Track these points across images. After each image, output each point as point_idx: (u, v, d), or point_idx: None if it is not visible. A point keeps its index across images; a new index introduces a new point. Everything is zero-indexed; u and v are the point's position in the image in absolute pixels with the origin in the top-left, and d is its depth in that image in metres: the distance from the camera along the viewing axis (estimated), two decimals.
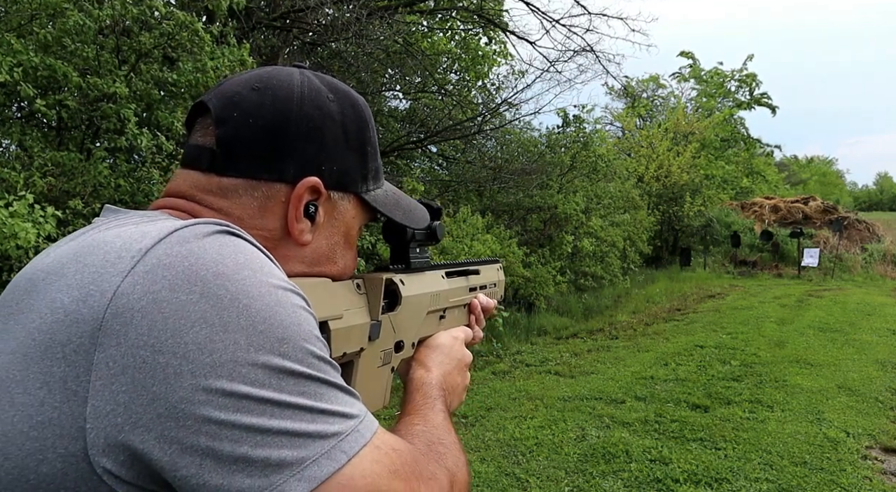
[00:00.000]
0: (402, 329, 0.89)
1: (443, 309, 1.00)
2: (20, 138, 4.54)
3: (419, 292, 0.93)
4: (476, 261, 1.17)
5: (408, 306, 0.90)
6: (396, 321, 0.87)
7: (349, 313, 0.77)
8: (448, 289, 1.02)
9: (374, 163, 0.81)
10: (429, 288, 0.96)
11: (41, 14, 4.29)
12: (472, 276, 1.12)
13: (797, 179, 46.29)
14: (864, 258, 18.03)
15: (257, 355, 0.54)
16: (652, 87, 27.47)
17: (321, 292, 0.72)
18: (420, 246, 0.96)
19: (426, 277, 0.97)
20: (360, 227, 0.81)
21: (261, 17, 7.54)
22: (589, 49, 9.93)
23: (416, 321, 0.92)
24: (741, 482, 4.06)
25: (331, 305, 0.73)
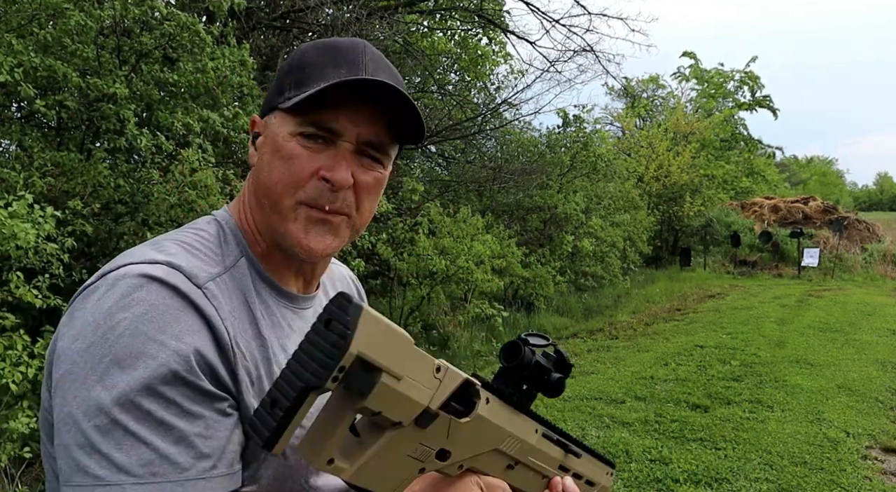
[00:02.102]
0: (456, 441, 0.80)
1: (515, 460, 0.91)
2: (20, 138, 4.54)
3: (497, 422, 0.85)
4: (586, 447, 1.04)
5: (476, 425, 0.82)
6: (455, 430, 0.79)
7: (410, 382, 0.71)
8: (534, 446, 0.92)
9: (294, 76, 0.88)
10: (512, 428, 0.87)
11: (41, 14, 4.29)
12: (572, 455, 1.00)
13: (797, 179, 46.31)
14: (864, 258, 18.03)
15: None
16: (652, 88, 27.48)
17: (397, 344, 0.69)
18: (528, 384, 0.90)
19: (516, 417, 0.89)
20: (288, 133, 0.87)
21: (261, 18, 7.54)
22: (589, 49, 9.94)
23: (476, 445, 0.84)
24: (741, 482, 4.06)
25: (399, 361, 0.69)
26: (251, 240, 0.93)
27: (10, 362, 3.35)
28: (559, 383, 0.90)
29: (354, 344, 0.63)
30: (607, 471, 1.10)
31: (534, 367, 0.88)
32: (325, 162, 0.86)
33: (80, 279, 4.04)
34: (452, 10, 9.94)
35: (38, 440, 3.71)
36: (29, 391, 3.57)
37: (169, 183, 4.42)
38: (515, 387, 0.88)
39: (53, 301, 3.63)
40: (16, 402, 3.54)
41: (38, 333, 3.73)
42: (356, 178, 0.88)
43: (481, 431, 0.83)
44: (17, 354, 3.40)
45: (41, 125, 5.16)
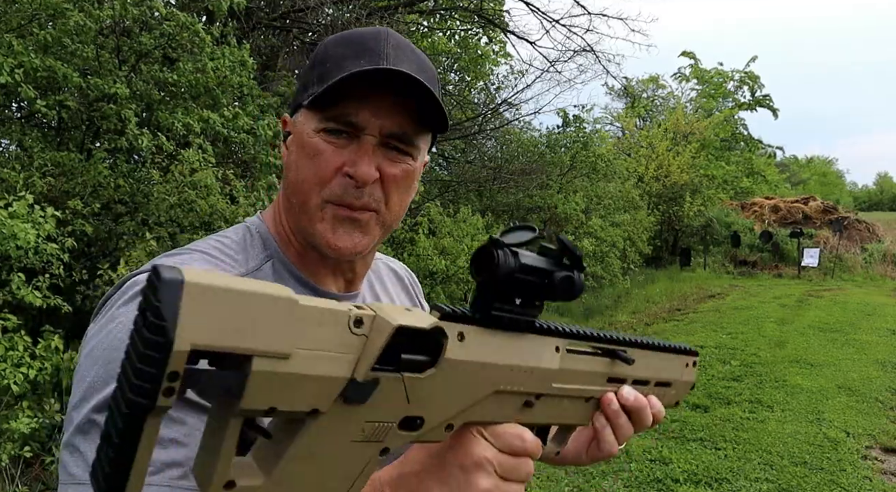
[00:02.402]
0: (425, 402, 0.61)
1: (534, 394, 0.70)
2: (20, 138, 4.54)
3: (485, 359, 0.64)
4: (648, 342, 0.82)
5: (451, 373, 0.62)
6: (417, 389, 0.60)
7: (308, 356, 0.51)
8: (556, 369, 0.71)
9: (317, 71, 0.86)
10: (511, 358, 0.67)
11: (41, 14, 4.30)
12: (622, 362, 0.79)
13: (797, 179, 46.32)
14: (864, 258, 18.03)
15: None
16: (652, 88, 27.49)
17: (265, 312, 0.49)
18: (522, 295, 0.68)
19: (516, 342, 0.68)
20: (312, 130, 0.85)
21: (261, 18, 7.54)
22: (589, 49, 9.95)
23: (459, 397, 0.63)
24: (741, 482, 4.06)
25: (277, 333, 0.49)
26: (284, 242, 0.92)
27: (12, 363, 3.35)
28: (565, 282, 0.67)
29: (182, 337, 0.45)
30: (686, 362, 0.89)
31: (520, 272, 0.65)
32: (348, 157, 0.84)
33: (80, 279, 4.04)
34: (452, 10, 9.94)
35: (38, 440, 3.71)
36: (29, 392, 3.58)
37: (169, 183, 4.42)
38: (505, 303, 0.66)
39: (53, 301, 3.63)
40: (16, 402, 3.54)
41: (38, 334, 3.73)
42: (383, 171, 0.85)
43: (461, 377, 0.63)
44: (18, 354, 3.40)
45: (41, 125, 5.16)
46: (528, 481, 0.70)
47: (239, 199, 4.70)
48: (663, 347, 0.85)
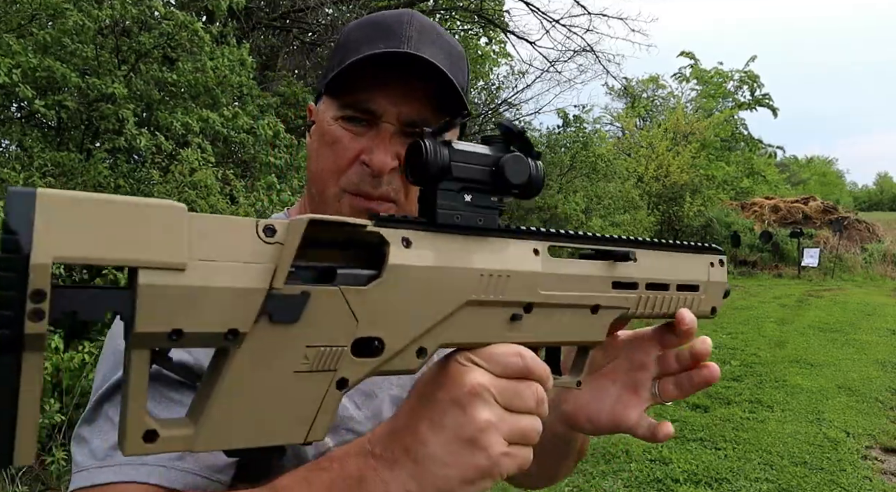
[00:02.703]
0: (380, 319, 0.53)
1: (522, 304, 0.61)
2: (20, 138, 4.54)
3: (442, 264, 0.56)
4: (644, 240, 0.71)
5: (403, 283, 0.54)
6: (363, 304, 0.52)
7: (210, 267, 0.46)
8: (540, 272, 0.62)
9: (337, 57, 0.84)
10: (475, 263, 0.58)
11: (41, 14, 4.30)
12: (623, 261, 0.68)
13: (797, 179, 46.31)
14: (864, 258, 18.03)
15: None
16: (652, 88, 27.50)
17: (137, 219, 0.43)
18: (471, 191, 0.59)
19: (480, 245, 0.59)
20: (331, 117, 0.83)
21: (261, 17, 7.54)
22: (589, 49, 9.95)
23: (423, 311, 0.55)
24: (741, 482, 4.06)
25: (156, 243, 0.44)
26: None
27: None
28: (515, 164, 0.59)
29: (39, 249, 0.40)
30: (710, 261, 0.76)
31: (458, 161, 0.57)
32: (366, 144, 0.80)
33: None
34: (453, 10, 9.94)
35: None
36: None
37: (169, 183, 4.43)
38: (452, 202, 0.58)
39: None
40: None
41: None
42: (402, 160, 0.78)
43: (417, 286, 0.55)
44: None
45: (41, 125, 5.16)
46: (542, 413, 0.58)
47: (239, 199, 4.70)
48: (675, 245, 0.74)
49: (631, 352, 0.77)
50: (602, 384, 0.77)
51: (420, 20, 0.83)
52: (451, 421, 0.54)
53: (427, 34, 0.82)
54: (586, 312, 0.66)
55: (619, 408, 0.75)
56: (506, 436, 0.55)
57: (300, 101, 6.78)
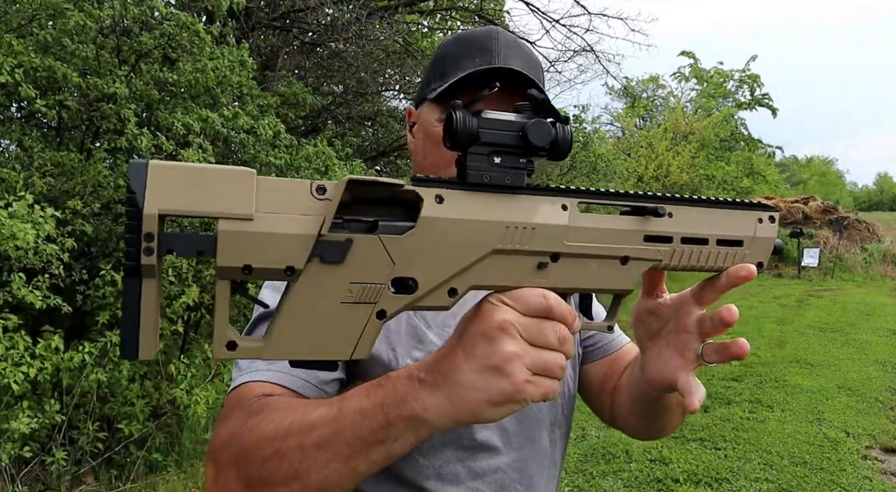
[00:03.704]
0: (414, 262, 0.63)
1: (548, 253, 0.68)
2: (20, 138, 4.54)
3: (470, 217, 0.65)
4: (686, 198, 0.74)
5: (434, 233, 0.64)
6: (399, 249, 0.63)
7: (273, 218, 0.59)
8: (567, 226, 0.68)
9: (438, 69, 1.01)
10: (501, 216, 0.66)
11: (41, 14, 4.29)
12: (656, 216, 0.72)
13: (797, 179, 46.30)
14: (864, 258, 18.02)
15: None
16: (652, 88, 27.49)
17: (218, 181, 0.58)
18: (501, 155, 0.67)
19: (508, 201, 0.67)
20: (436, 119, 0.99)
21: (261, 17, 7.54)
22: (589, 49, 9.95)
23: (453, 257, 0.64)
24: (741, 482, 4.06)
25: (232, 199, 0.57)
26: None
27: (12, 362, 3.35)
28: (538, 128, 0.66)
29: (151, 203, 0.55)
30: (758, 218, 0.77)
31: (486, 127, 0.66)
32: None
33: (80, 279, 4.04)
34: (452, 10, 9.94)
35: (38, 440, 3.71)
36: (29, 391, 3.57)
37: None
38: (481, 164, 0.66)
39: (53, 301, 3.63)
40: (16, 402, 3.54)
41: (38, 334, 3.73)
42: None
43: (446, 236, 0.64)
44: (18, 353, 3.40)
45: (41, 125, 5.16)
46: (566, 351, 0.66)
47: None
48: (720, 202, 0.75)
49: (677, 314, 0.81)
50: (659, 347, 0.83)
51: (505, 36, 1.00)
52: (481, 351, 0.63)
53: (512, 48, 0.99)
54: (616, 263, 0.71)
55: (669, 369, 0.80)
56: (529, 366, 0.63)
57: (300, 101, 6.77)
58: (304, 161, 5.43)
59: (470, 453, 0.95)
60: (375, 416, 0.67)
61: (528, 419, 1.01)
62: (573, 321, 0.67)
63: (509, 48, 0.98)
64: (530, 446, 1.01)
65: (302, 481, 0.69)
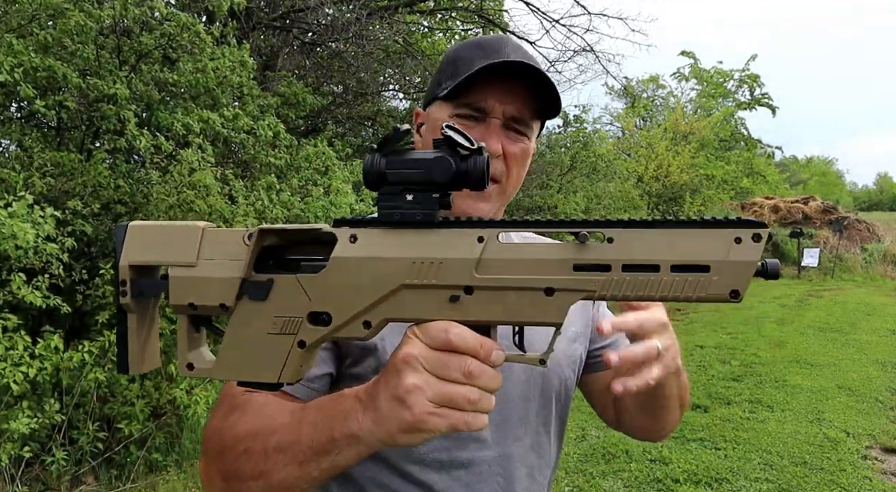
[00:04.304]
0: (328, 298, 0.70)
1: (459, 287, 0.68)
2: (20, 138, 4.54)
3: (377, 255, 0.69)
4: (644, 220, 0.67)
5: (344, 271, 0.69)
6: (314, 286, 0.70)
7: (210, 264, 0.71)
8: (482, 259, 0.68)
9: (449, 70, 1.03)
10: (408, 252, 0.68)
11: (41, 14, 4.29)
12: (586, 245, 0.67)
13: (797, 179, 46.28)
14: (864, 258, 18.01)
15: None
16: (652, 88, 27.48)
17: (173, 236, 0.73)
18: (412, 190, 0.69)
19: (422, 237, 0.69)
20: (446, 116, 1.01)
21: (261, 18, 7.54)
22: (589, 49, 9.95)
23: (363, 293, 0.69)
24: (741, 482, 4.06)
25: (180, 250, 0.72)
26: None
27: (12, 362, 3.35)
28: (438, 164, 0.68)
29: (124, 257, 0.73)
30: (735, 237, 0.65)
31: (392, 168, 0.69)
32: (478, 136, 0.98)
33: (80, 279, 4.04)
34: (452, 10, 9.94)
35: (38, 440, 3.71)
36: (29, 391, 3.57)
37: (168, 183, 4.42)
38: (394, 202, 0.70)
39: (53, 301, 3.63)
40: (16, 402, 3.53)
41: (38, 334, 3.73)
42: (506, 149, 1.01)
43: (356, 273, 0.69)
44: (18, 353, 3.40)
45: (41, 125, 5.16)
46: (479, 384, 0.66)
47: (238, 199, 4.70)
48: (682, 222, 0.66)
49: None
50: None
51: (514, 41, 1.06)
52: (392, 381, 0.67)
53: (521, 51, 1.03)
54: (539, 294, 0.68)
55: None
56: (431, 398, 0.65)
57: (300, 101, 6.77)
58: (304, 161, 5.43)
59: (458, 444, 0.98)
60: (323, 430, 0.73)
61: (511, 418, 1.03)
62: (487, 354, 0.67)
63: (518, 51, 1.02)
64: (515, 444, 1.03)
65: (266, 479, 0.77)
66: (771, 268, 0.66)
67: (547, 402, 1.08)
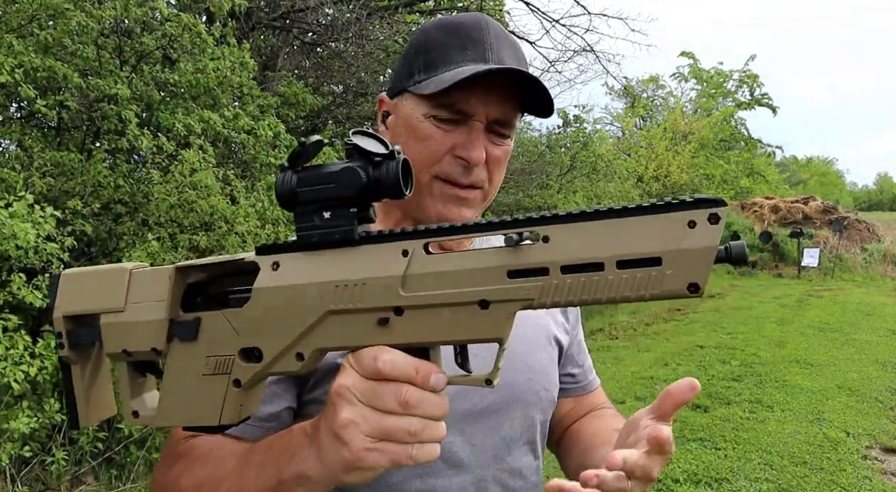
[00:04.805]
0: (256, 332, 0.64)
1: (387, 308, 0.61)
2: (20, 138, 4.54)
3: (299, 282, 0.63)
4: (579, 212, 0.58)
5: (268, 303, 0.64)
6: (241, 321, 0.65)
7: (137, 307, 0.68)
8: (406, 275, 0.61)
9: (423, 58, 0.93)
10: (328, 276, 0.63)
11: (41, 15, 4.29)
12: (525, 245, 0.58)
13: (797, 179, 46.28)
14: (864, 258, 18.02)
15: None
16: (652, 88, 27.49)
17: (102, 282, 0.70)
18: (329, 208, 0.63)
19: (343, 257, 0.63)
20: (422, 115, 0.92)
21: (261, 18, 7.54)
22: (589, 49, 9.95)
23: (290, 324, 0.63)
24: (741, 482, 4.07)
25: (108, 296, 0.69)
26: (380, 216, 1.01)
27: (12, 361, 3.35)
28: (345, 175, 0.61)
29: (58, 309, 0.71)
30: (686, 221, 0.54)
31: (304, 185, 0.63)
32: (458, 140, 0.91)
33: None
34: (452, 10, 9.94)
35: (38, 440, 3.71)
36: (29, 391, 3.57)
37: (169, 183, 4.42)
38: (310, 222, 0.64)
39: None
40: (16, 402, 3.54)
41: (38, 334, 3.73)
42: (488, 153, 0.93)
43: (280, 304, 0.64)
44: (18, 352, 3.40)
45: (41, 125, 5.16)
46: (418, 413, 0.59)
47: (239, 199, 4.70)
48: (624, 210, 0.56)
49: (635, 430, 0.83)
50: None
51: (494, 26, 0.94)
52: (329, 416, 0.62)
53: (501, 39, 0.93)
54: (473, 308, 0.60)
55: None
56: (368, 433, 0.59)
57: (300, 101, 6.77)
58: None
59: (431, 471, 0.90)
60: (270, 472, 0.68)
61: (489, 438, 0.96)
62: (425, 379, 0.60)
63: (499, 40, 0.93)
64: (497, 465, 0.97)
65: None
66: (735, 251, 0.56)
67: (529, 418, 1.01)
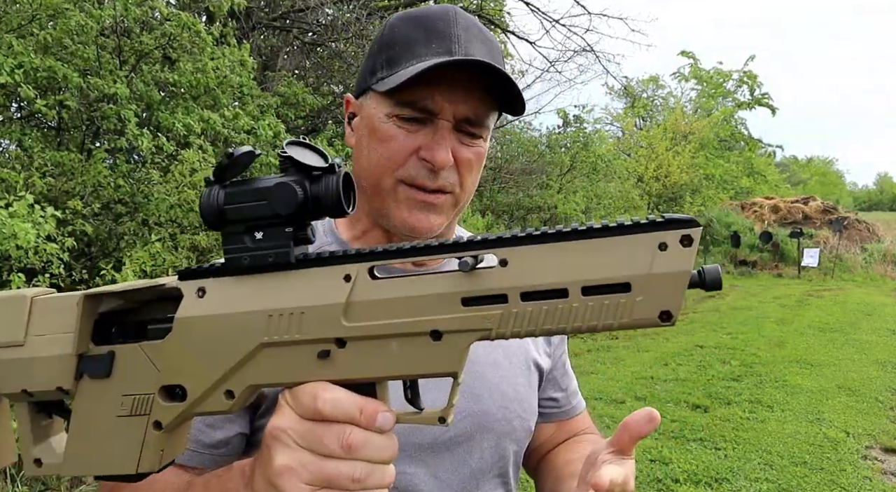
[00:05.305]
0: (178, 368, 0.57)
1: (328, 340, 0.55)
2: (20, 138, 4.54)
3: (228, 311, 0.56)
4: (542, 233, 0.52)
5: (192, 334, 0.56)
6: (164, 355, 0.57)
7: (40, 340, 0.58)
8: (349, 303, 0.55)
9: (386, 54, 0.86)
10: (260, 304, 0.56)
11: (41, 15, 4.29)
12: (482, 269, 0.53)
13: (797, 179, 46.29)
14: (864, 258, 18.02)
15: None
16: (652, 88, 27.50)
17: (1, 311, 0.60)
18: (264, 227, 0.56)
19: (279, 282, 0.56)
20: (384, 115, 0.84)
21: (261, 18, 7.54)
22: (589, 49, 9.95)
23: (217, 358, 0.56)
24: (741, 482, 4.06)
25: (6, 329, 0.59)
26: (346, 225, 0.94)
27: None
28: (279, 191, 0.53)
29: None
30: (656, 243, 0.51)
31: (232, 202, 0.55)
32: (423, 141, 0.83)
33: (80, 279, 4.04)
34: None
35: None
36: None
37: (169, 183, 4.43)
38: (240, 243, 0.56)
39: None
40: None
41: None
42: (457, 155, 0.84)
43: (205, 336, 0.56)
44: None
45: (41, 125, 5.16)
46: (361, 457, 0.53)
47: None
48: (588, 231, 0.51)
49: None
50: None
51: (464, 17, 0.85)
52: (264, 461, 0.56)
53: (472, 32, 0.85)
54: (424, 340, 0.54)
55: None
56: (307, 481, 0.52)
57: (300, 101, 6.78)
58: None
59: None
60: None
61: (464, 469, 0.89)
62: (370, 419, 0.53)
63: (468, 32, 0.84)
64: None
65: None
66: (710, 276, 0.53)
67: (501, 448, 0.93)
